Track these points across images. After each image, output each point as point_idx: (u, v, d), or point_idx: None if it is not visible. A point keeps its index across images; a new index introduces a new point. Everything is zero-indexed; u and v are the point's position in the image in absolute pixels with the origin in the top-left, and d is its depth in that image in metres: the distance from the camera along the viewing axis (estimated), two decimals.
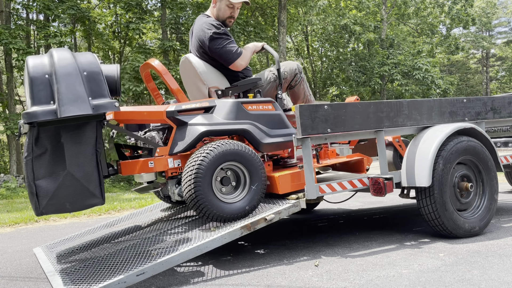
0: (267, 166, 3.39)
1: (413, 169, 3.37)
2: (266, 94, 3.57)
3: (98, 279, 2.57)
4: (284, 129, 3.34)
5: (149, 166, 3.04)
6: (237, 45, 3.50)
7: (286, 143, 3.31)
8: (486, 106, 3.94)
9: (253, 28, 15.99)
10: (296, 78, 3.63)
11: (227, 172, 3.07)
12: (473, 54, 36.12)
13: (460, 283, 2.45)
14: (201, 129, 3.06)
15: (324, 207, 6.03)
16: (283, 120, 3.37)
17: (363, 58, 19.80)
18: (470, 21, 20.31)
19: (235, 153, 3.00)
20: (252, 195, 3.07)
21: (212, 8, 3.65)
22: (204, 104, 3.23)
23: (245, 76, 3.62)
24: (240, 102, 3.23)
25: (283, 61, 15.34)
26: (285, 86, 3.65)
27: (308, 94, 3.70)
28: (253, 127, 3.18)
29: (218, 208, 2.94)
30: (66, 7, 13.28)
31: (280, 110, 3.39)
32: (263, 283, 2.62)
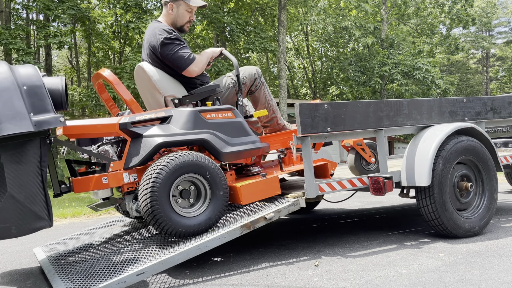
0: (230, 175, 3.28)
1: (413, 168, 3.37)
2: (225, 100, 3.46)
3: (98, 279, 2.57)
4: (245, 137, 3.21)
5: (103, 182, 2.89)
6: (191, 51, 3.37)
7: (248, 151, 3.19)
8: (486, 106, 3.94)
9: (253, 28, 15.99)
10: (256, 82, 3.50)
11: (187, 185, 2.93)
12: (473, 54, 36.14)
13: (460, 283, 2.45)
14: (156, 141, 2.91)
15: (324, 207, 6.03)
16: (244, 128, 3.24)
17: (363, 58, 19.80)
18: (470, 21, 20.31)
19: (193, 165, 2.87)
20: (213, 208, 2.94)
21: (167, 14, 3.48)
22: (160, 114, 3.09)
23: (203, 83, 3.48)
24: (198, 110, 3.09)
25: (282, 61, 15.35)
26: (245, 92, 3.52)
27: (269, 99, 3.59)
28: (212, 136, 3.05)
29: (177, 223, 2.80)
30: (66, 7, 13.28)
31: (241, 117, 3.26)
32: (263, 283, 2.62)
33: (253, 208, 3.23)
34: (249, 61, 21.16)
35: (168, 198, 2.78)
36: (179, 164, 2.81)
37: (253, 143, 3.22)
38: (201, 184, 2.96)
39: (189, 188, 2.94)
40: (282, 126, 3.69)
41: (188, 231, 2.85)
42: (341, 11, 19.90)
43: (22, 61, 12.28)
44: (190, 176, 2.90)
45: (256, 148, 3.23)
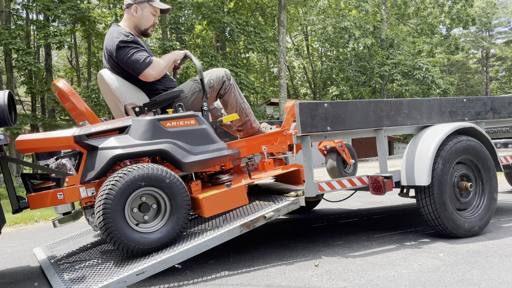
0: (195, 185, 3.13)
1: (413, 168, 3.37)
2: (192, 106, 3.30)
3: (98, 278, 2.57)
4: (210, 145, 3.06)
5: (59, 198, 2.78)
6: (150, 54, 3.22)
7: (213, 160, 3.04)
8: (486, 106, 3.94)
9: (253, 28, 15.99)
10: (225, 85, 3.37)
11: (145, 199, 2.80)
12: (473, 54, 36.15)
13: (460, 283, 2.45)
14: (112, 153, 2.78)
15: (324, 207, 6.03)
16: (209, 135, 3.09)
17: (363, 58, 19.80)
18: (470, 21, 20.31)
19: (150, 178, 2.73)
20: (172, 223, 2.81)
21: (130, 17, 3.31)
22: (118, 125, 2.94)
23: (166, 89, 3.29)
24: (157, 119, 2.94)
25: (282, 61, 15.34)
26: (214, 96, 3.39)
27: (241, 102, 3.45)
28: (172, 146, 2.90)
29: (132, 239, 2.68)
30: (66, 7, 13.28)
31: (206, 124, 3.11)
32: (263, 283, 2.62)
33: (253, 207, 3.23)
34: (249, 61, 21.16)
35: (122, 213, 2.66)
36: (134, 178, 2.68)
37: (219, 151, 3.07)
38: (160, 198, 2.83)
39: (149, 202, 2.81)
40: (257, 129, 3.57)
41: (144, 247, 2.72)
42: (341, 11, 19.89)
43: (22, 61, 12.28)
44: (147, 190, 2.77)
45: (222, 156, 3.08)
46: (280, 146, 3.52)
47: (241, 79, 14.49)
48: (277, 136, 3.54)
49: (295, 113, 3.52)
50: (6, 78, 14.59)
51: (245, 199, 3.12)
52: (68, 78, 22.95)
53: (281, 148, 3.53)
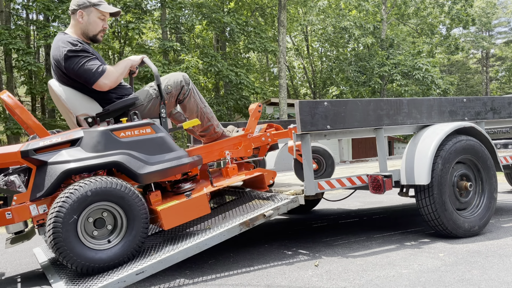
0: (155, 196, 2.98)
1: (412, 167, 3.37)
2: (149, 114, 3.16)
3: (97, 278, 2.57)
4: (168, 154, 2.93)
5: (7, 217, 2.60)
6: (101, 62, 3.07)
7: (173, 169, 2.91)
8: (486, 106, 3.94)
9: (253, 28, 15.99)
10: (184, 90, 3.23)
11: (100, 214, 2.68)
12: (473, 54, 36.15)
13: (460, 283, 2.45)
14: (62, 168, 2.64)
15: (324, 207, 6.03)
16: (167, 143, 2.95)
17: (363, 58, 19.81)
18: (470, 21, 20.31)
19: (103, 193, 2.60)
20: (129, 238, 2.69)
21: (76, 23, 3.14)
22: (68, 137, 2.79)
23: (121, 97, 3.13)
24: (110, 129, 2.80)
25: (282, 61, 15.35)
26: (172, 102, 3.25)
27: (202, 106, 3.33)
28: (127, 157, 2.76)
29: (86, 257, 2.56)
30: (66, 7, 13.28)
31: (163, 131, 2.98)
32: (263, 283, 2.62)
33: (252, 205, 3.23)
34: (249, 61, 21.17)
35: (75, 230, 2.54)
36: (86, 194, 2.56)
37: (178, 159, 2.94)
38: (116, 212, 2.71)
39: (104, 217, 2.69)
40: (221, 134, 3.47)
41: (98, 265, 2.60)
42: (341, 11, 19.90)
43: (22, 61, 12.28)
44: (102, 205, 2.65)
45: (182, 164, 2.96)
46: (245, 150, 3.41)
47: (241, 79, 14.49)
48: (241, 140, 3.43)
49: (259, 115, 3.51)
50: (6, 78, 14.59)
51: (206, 209, 3.02)
52: None
53: (246, 152, 3.42)
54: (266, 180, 3.39)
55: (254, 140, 3.47)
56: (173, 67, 12.92)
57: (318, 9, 17.43)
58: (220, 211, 3.38)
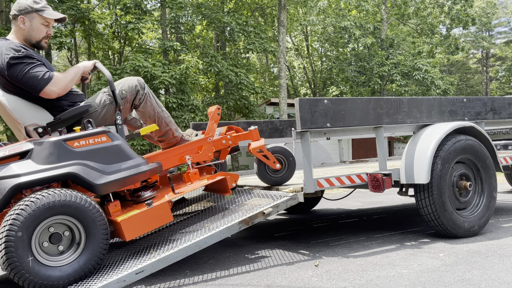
0: (114, 207, 2.85)
1: (412, 166, 3.37)
2: (103, 121, 3.03)
3: (97, 278, 2.57)
4: (126, 162, 2.81)
5: None
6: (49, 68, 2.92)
7: (131, 178, 2.79)
8: (486, 107, 3.95)
9: (253, 28, 15.99)
10: (139, 95, 3.10)
11: (56, 229, 2.55)
12: (473, 54, 36.16)
13: (460, 283, 2.45)
14: (12, 183, 2.48)
15: (324, 207, 6.03)
16: (124, 151, 2.83)
17: (363, 58, 19.81)
18: (470, 21, 20.32)
19: (59, 206, 2.48)
20: (88, 253, 2.57)
21: (18, 29, 2.97)
22: (17, 149, 2.63)
23: (72, 104, 2.99)
24: (63, 139, 2.66)
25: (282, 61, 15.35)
26: (128, 107, 3.12)
27: (159, 111, 3.21)
28: (82, 167, 2.64)
29: (41, 276, 2.42)
30: (66, 7, 13.29)
31: (120, 139, 2.85)
32: (263, 283, 2.62)
33: (251, 204, 3.23)
34: (249, 61, 21.17)
35: (28, 248, 2.41)
36: (39, 208, 2.42)
37: (136, 167, 2.82)
38: (74, 226, 2.58)
39: (60, 232, 2.56)
40: (180, 138, 3.37)
41: (57, 283, 2.46)
42: (341, 11, 19.90)
43: None
44: (57, 219, 2.52)
45: (141, 172, 2.84)
46: (206, 154, 3.33)
47: (241, 79, 14.49)
48: (202, 144, 3.34)
49: (218, 118, 3.43)
50: None
51: (169, 216, 2.91)
52: None
53: (207, 156, 3.34)
54: (229, 184, 3.32)
55: (214, 144, 3.40)
56: (173, 67, 12.92)
57: (318, 9, 17.43)
58: (219, 209, 3.38)
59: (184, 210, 3.76)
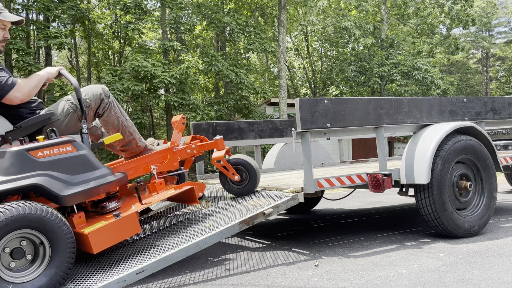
0: (78, 218, 2.74)
1: (412, 166, 3.38)
2: (66, 130, 2.92)
3: (97, 278, 2.57)
4: (92, 172, 2.70)
5: None
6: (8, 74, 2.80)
7: (98, 188, 2.69)
8: (486, 107, 3.95)
9: (253, 29, 15.99)
10: (103, 104, 3.01)
11: (20, 242, 2.44)
12: (473, 54, 36.15)
13: (460, 283, 2.45)
14: None
15: (324, 207, 6.03)
16: (90, 161, 2.72)
17: (363, 58, 19.82)
18: (470, 22, 20.32)
19: (22, 219, 2.36)
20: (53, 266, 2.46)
21: None
22: None
23: (32, 112, 2.89)
24: (25, 149, 2.53)
25: (282, 61, 15.35)
26: (91, 116, 3.01)
27: (123, 120, 3.11)
28: (47, 178, 2.52)
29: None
30: (66, 7, 13.29)
31: (85, 148, 2.75)
32: (263, 283, 2.62)
33: (252, 204, 3.23)
34: (249, 61, 21.17)
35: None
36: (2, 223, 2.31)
37: (103, 177, 2.72)
38: (37, 240, 2.48)
39: (23, 246, 2.45)
40: (143, 148, 3.27)
41: None
42: (341, 11, 19.91)
43: (22, 61, 12.29)
44: (19, 233, 2.41)
45: (107, 182, 2.74)
46: (171, 164, 3.28)
47: (241, 79, 14.49)
48: (167, 153, 3.28)
49: (183, 127, 3.39)
50: None
51: (137, 228, 2.82)
52: None
53: (172, 166, 3.29)
54: (196, 193, 3.27)
55: (179, 153, 3.34)
56: (173, 67, 12.92)
57: (318, 9, 17.43)
58: (219, 209, 3.38)
59: (183, 210, 3.76)
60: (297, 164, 5.48)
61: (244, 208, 3.22)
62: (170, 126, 14.21)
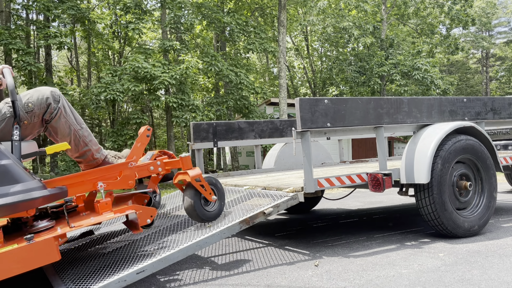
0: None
1: (412, 166, 3.38)
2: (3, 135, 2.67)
3: (98, 278, 2.57)
4: (12, 186, 2.36)
5: None
6: None
7: (17, 205, 2.34)
8: (486, 107, 3.95)
9: (253, 29, 16.00)
10: (51, 109, 2.73)
11: None
12: (473, 54, 36.16)
13: (460, 283, 2.45)
14: None
15: (324, 207, 6.03)
16: (11, 173, 2.39)
17: (362, 58, 19.83)
18: (469, 22, 20.33)
19: None
20: None
21: None
22: None
23: None
24: None
25: (282, 61, 15.34)
26: (37, 122, 2.74)
27: (76, 128, 2.84)
28: None
29: None
30: (66, 7, 13.30)
31: (9, 158, 2.43)
32: (263, 283, 2.62)
33: (252, 204, 3.24)
34: (249, 61, 21.18)
35: None
36: None
37: (25, 193, 2.37)
38: None
39: None
40: (102, 160, 2.98)
41: None
42: (341, 11, 19.91)
43: (22, 61, 12.29)
44: None
45: (31, 199, 2.37)
46: (125, 182, 2.87)
47: (241, 79, 14.49)
48: (121, 169, 2.90)
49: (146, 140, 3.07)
50: None
51: (54, 255, 2.41)
52: (68, 79, 22.97)
53: (126, 184, 2.89)
54: (141, 220, 2.79)
55: (138, 170, 2.95)
56: (173, 67, 12.92)
57: (318, 9, 17.44)
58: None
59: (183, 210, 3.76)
60: (297, 164, 5.48)
61: (244, 207, 3.22)
62: (170, 126, 14.21)
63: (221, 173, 5.08)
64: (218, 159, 20.42)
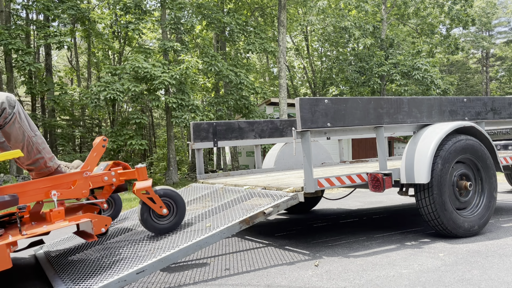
0: None
1: (412, 166, 3.38)
2: None
3: (98, 278, 2.57)
4: None
5: None
6: None
7: None
8: (486, 107, 3.95)
9: (253, 28, 16.00)
10: (5, 114, 2.69)
11: None
12: (473, 54, 36.16)
13: (460, 283, 2.45)
14: None
15: (324, 207, 6.03)
16: None
17: (362, 58, 19.83)
18: (470, 22, 20.33)
19: None
20: None
21: None
22: None
23: None
24: None
25: (282, 61, 15.34)
26: None
27: (30, 135, 2.81)
28: None
29: None
30: (66, 7, 13.30)
31: None
32: (263, 283, 2.62)
33: (252, 203, 3.23)
34: (249, 61, 21.18)
35: None
36: None
37: None
38: None
39: None
40: (55, 169, 2.96)
41: None
42: (341, 11, 19.92)
43: (21, 61, 12.29)
44: None
45: None
46: (79, 191, 2.86)
47: (241, 79, 14.50)
48: (75, 178, 2.89)
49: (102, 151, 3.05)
50: (6, 78, 14.59)
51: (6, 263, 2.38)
52: (68, 78, 22.98)
53: (80, 194, 2.88)
54: (96, 229, 2.80)
55: (92, 179, 2.96)
56: (173, 67, 12.92)
57: (318, 9, 17.44)
58: (220, 209, 3.38)
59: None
60: (297, 164, 5.48)
61: (244, 207, 3.22)
62: (170, 126, 14.21)
63: (221, 173, 5.08)
64: (218, 159, 20.44)
